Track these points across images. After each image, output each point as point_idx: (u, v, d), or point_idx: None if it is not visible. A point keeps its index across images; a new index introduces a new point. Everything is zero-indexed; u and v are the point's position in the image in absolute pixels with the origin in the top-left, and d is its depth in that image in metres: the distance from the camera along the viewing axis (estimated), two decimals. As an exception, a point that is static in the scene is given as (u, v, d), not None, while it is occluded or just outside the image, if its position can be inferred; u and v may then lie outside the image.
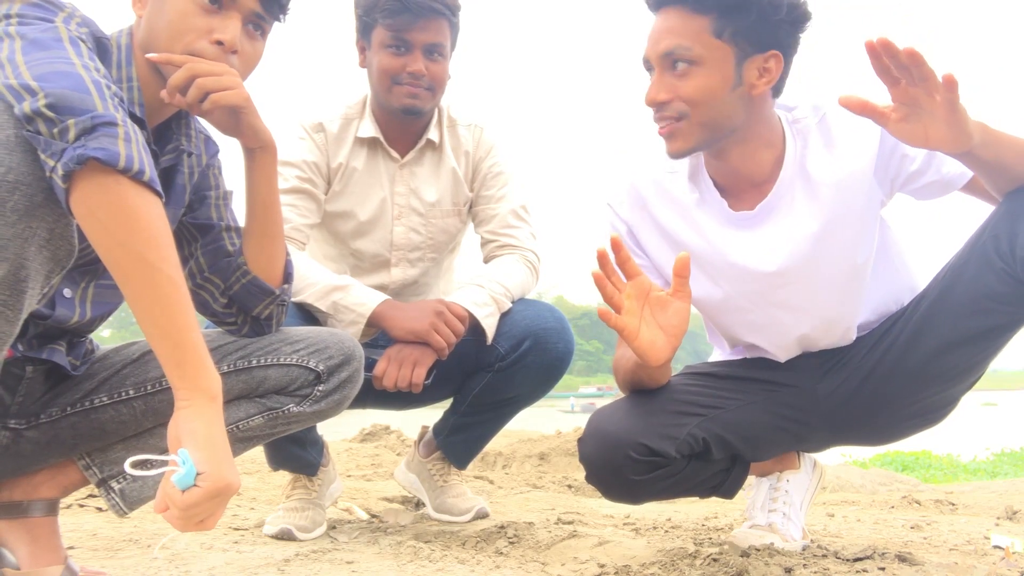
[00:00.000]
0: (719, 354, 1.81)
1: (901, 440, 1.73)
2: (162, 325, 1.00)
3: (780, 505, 1.72)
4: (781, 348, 1.63)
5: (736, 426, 1.58)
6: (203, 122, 1.43)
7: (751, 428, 1.60)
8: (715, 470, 1.61)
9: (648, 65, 1.47)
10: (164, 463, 0.99)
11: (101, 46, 1.18)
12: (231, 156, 1.52)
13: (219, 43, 1.22)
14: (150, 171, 0.98)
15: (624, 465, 1.51)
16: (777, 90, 1.49)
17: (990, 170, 1.38)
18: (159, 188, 1.00)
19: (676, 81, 1.42)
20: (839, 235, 1.51)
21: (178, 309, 1.00)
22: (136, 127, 1.00)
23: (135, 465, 1.03)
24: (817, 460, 1.84)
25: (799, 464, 1.79)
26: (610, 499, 1.65)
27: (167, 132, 1.34)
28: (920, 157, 1.49)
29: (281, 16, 1.32)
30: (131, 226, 0.96)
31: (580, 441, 1.60)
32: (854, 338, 1.62)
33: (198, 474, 0.97)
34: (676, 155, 1.48)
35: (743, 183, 1.54)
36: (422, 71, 1.88)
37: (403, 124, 1.99)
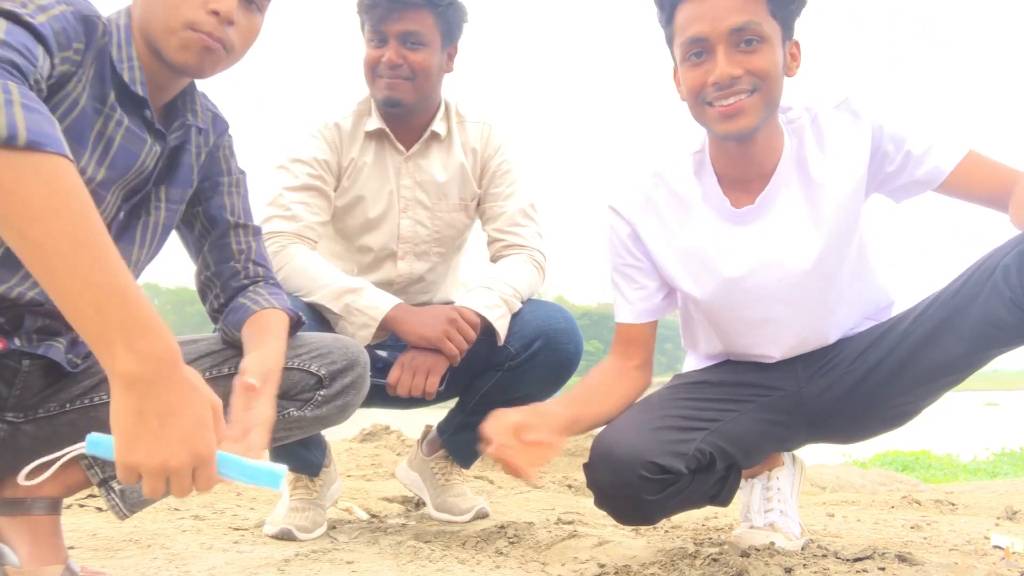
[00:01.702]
0: (693, 362, 1.82)
1: (869, 439, 1.76)
2: (65, 310, 0.87)
3: (776, 504, 1.74)
4: (776, 346, 1.64)
5: (736, 437, 1.59)
6: (211, 101, 1.44)
7: (747, 437, 1.61)
8: (714, 480, 1.61)
9: (704, 45, 1.43)
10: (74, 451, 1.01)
11: (88, 23, 1.15)
12: (239, 142, 1.52)
13: (215, 13, 1.21)
14: (4, 128, 0.83)
15: (637, 485, 1.47)
16: None
17: None
18: (27, 138, 0.84)
19: (744, 57, 1.42)
20: (839, 238, 1.54)
21: (68, 288, 0.85)
22: None
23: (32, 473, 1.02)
24: (795, 453, 1.86)
25: (783, 460, 1.82)
26: (622, 522, 1.61)
27: (173, 110, 1.34)
28: (898, 159, 1.52)
29: None
30: (5, 202, 0.83)
31: (587, 467, 1.55)
32: (834, 339, 1.64)
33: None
34: (741, 134, 1.46)
35: (751, 174, 1.55)
36: (396, 60, 1.89)
37: (401, 117, 2.00)
